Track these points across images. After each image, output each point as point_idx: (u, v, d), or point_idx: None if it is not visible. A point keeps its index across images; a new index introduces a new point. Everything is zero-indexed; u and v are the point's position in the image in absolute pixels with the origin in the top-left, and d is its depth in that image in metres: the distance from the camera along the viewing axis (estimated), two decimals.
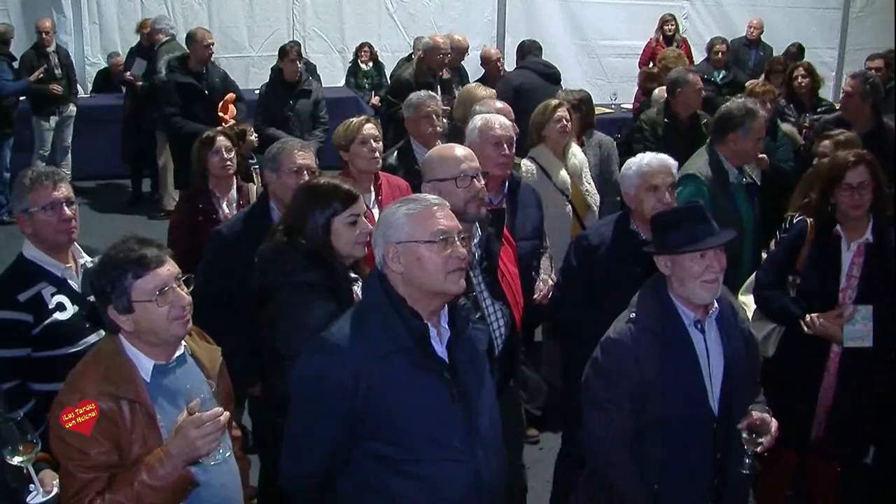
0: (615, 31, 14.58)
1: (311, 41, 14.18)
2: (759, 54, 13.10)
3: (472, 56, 11.72)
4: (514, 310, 4.52)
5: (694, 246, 3.63)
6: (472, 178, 4.30)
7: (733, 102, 6.10)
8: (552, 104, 6.60)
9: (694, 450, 3.75)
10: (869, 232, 4.87)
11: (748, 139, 5.82)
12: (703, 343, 3.77)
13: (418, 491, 3.27)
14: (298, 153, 4.99)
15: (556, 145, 6.55)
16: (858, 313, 4.78)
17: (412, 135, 6.57)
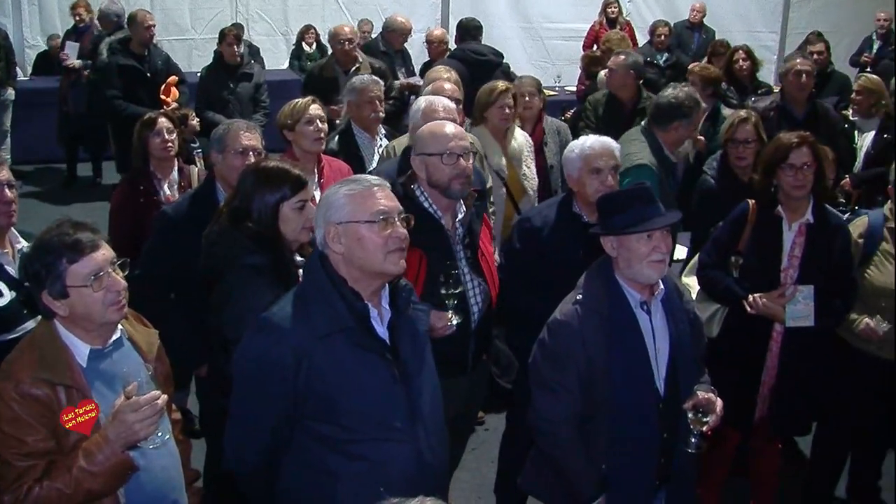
0: (559, 13, 14.60)
1: (254, 24, 14.06)
2: (702, 37, 13.18)
3: (416, 38, 11.68)
4: (490, 286, 4.58)
5: (641, 227, 3.65)
6: (458, 156, 4.32)
7: (681, 91, 6.13)
8: (499, 88, 6.61)
9: (641, 430, 3.78)
10: (809, 212, 4.92)
11: (690, 128, 5.99)
12: (649, 324, 3.80)
13: (360, 471, 3.27)
14: (245, 134, 4.96)
15: (496, 129, 6.57)
16: (800, 293, 4.83)
17: (354, 119, 6.55)
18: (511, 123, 6.63)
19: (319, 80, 8.69)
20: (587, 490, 3.83)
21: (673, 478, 3.95)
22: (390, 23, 10.54)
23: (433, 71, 7.17)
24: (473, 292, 4.45)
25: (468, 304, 4.43)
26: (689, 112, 5.94)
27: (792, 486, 5.77)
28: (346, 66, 8.72)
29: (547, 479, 4.02)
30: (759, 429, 5.16)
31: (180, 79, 9.85)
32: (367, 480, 3.24)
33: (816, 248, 4.91)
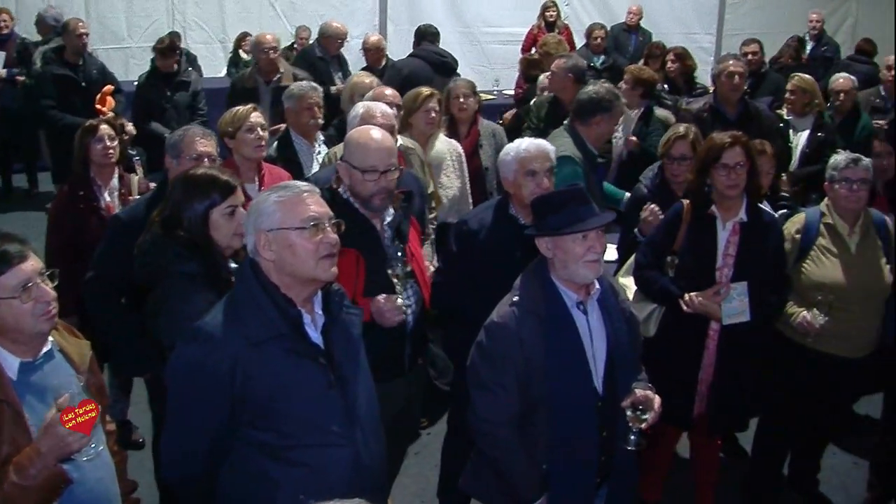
0: (497, 17, 14.60)
1: (191, 31, 13.93)
2: (639, 39, 13.30)
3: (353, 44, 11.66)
4: (422, 288, 4.59)
5: (577, 227, 3.68)
6: (382, 173, 4.31)
7: (601, 87, 6.21)
8: (424, 93, 6.65)
9: (580, 429, 3.81)
10: (743, 211, 4.98)
11: (611, 122, 6.06)
12: (586, 324, 3.82)
13: (299, 477, 3.27)
14: (200, 141, 4.95)
15: (421, 135, 6.60)
16: (735, 290, 4.89)
17: (292, 126, 6.55)
18: (436, 129, 6.65)
19: (241, 90, 8.52)
20: (528, 490, 3.85)
21: (614, 475, 3.99)
22: (326, 28, 10.50)
23: (355, 76, 7.18)
24: (406, 294, 4.45)
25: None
26: (610, 106, 6.02)
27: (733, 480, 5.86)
28: (269, 75, 8.57)
29: (487, 481, 4.03)
30: (698, 425, 5.21)
31: (116, 88, 9.73)
32: (306, 486, 3.22)
33: (750, 245, 4.97)
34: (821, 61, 12.37)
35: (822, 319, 5.03)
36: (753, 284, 4.90)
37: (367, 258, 4.30)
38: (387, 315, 4.25)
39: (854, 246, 5.18)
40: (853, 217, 5.21)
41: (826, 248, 5.20)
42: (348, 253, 4.00)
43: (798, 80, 8.29)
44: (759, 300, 4.93)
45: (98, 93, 9.37)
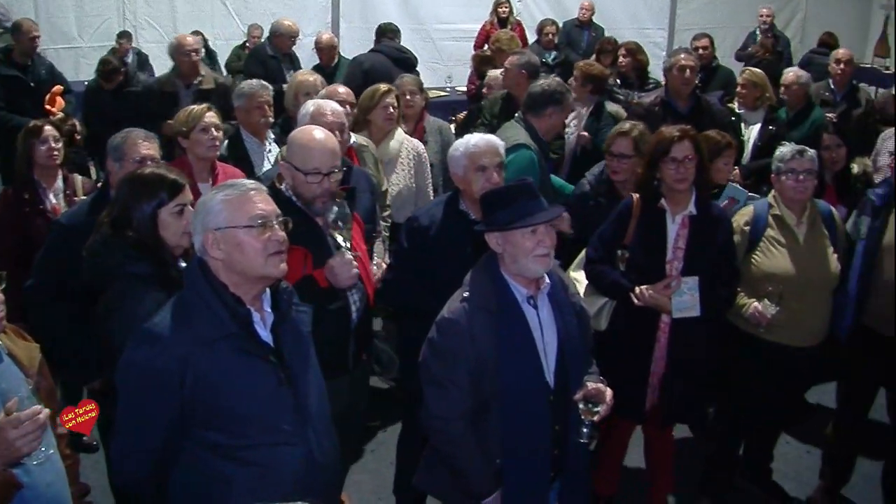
0: (450, 14, 14.62)
1: (142, 30, 13.79)
2: (591, 35, 13.31)
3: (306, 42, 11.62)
4: (366, 284, 4.59)
5: (526, 221, 3.68)
6: (324, 175, 4.30)
7: (552, 80, 6.30)
8: (381, 89, 6.64)
9: (533, 423, 3.81)
10: (692, 205, 5.01)
11: (562, 115, 6.11)
12: (537, 318, 3.83)
13: (252, 476, 3.27)
14: (143, 143, 4.90)
15: (379, 131, 6.59)
16: (685, 284, 4.92)
17: (242, 124, 6.51)
18: (394, 125, 6.64)
19: (159, 95, 8.28)
20: (482, 485, 3.86)
21: (567, 469, 4.00)
22: (277, 27, 10.47)
23: (299, 74, 7.14)
24: (351, 291, 4.46)
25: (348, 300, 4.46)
26: (561, 99, 6.11)
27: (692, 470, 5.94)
28: (189, 79, 8.31)
29: (442, 477, 4.03)
30: (650, 418, 5.24)
31: (66, 88, 9.64)
32: (259, 485, 3.24)
33: (700, 239, 4.99)
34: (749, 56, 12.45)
35: (772, 310, 5.07)
36: (704, 278, 4.93)
37: (313, 255, 4.30)
38: (340, 272, 4.26)
39: (802, 237, 5.24)
40: (800, 208, 5.27)
41: (775, 239, 5.26)
42: (296, 251, 4.00)
43: (749, 74, 8.36)
44: (710, 294, 4.96)
45: (47, 93, 9.30)
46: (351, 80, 8.97)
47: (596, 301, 5.18)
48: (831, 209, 5.47)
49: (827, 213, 5.38)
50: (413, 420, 4.02)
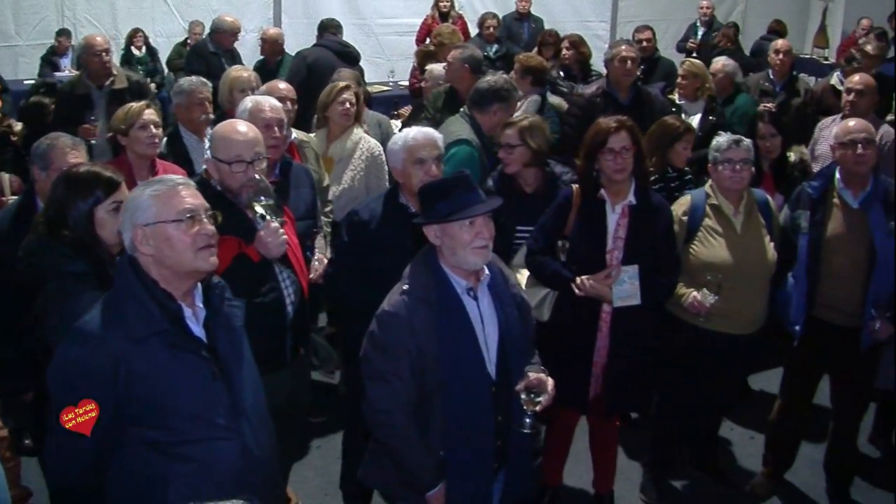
0: (392, 9, 14.57)
1: (81, 28, 13.57)
2: (532, 27, 13.33)
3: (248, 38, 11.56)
4: (300, 277, 4.58)
5: (463, 213, 3.68)
6: (248, 163, 4.32)
7: (499, 77, 6.32)
8: (339, 86, 6.63)
9: (475, 414, 3.81)
10: (632, 194, 5.03)
11: (507, 112, 6.08)
12: (477, 310, 3.83)
13: (189, 473, 3.25)
14: (71, 152, 4.83)
15: (336, 128, 6.56)
16: (625, 273, 4.94)
17: (182, 122, 6.46)
18: (351, 122, 6.61)
19: (71, 97, 8.06)
20: (426, 478, 3.86)
21: (511, 460, 4.01)
22: (219, 23, 10.41)
23: (233, 70, 7.07)
24: (284, 284, 4.47)
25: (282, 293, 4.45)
26: (507, 96, 6.15)
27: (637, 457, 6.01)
28: (100, 80, 8.03)
29: (386, 470, 4.02)
30: (594, 407, 5.27)
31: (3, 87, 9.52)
32: (196, 481, 3.23)
33: (640, 228, 5.02)
34: (712, 47, 12.55)
35: (712, 299, 5.12)
36: (644, 266, 4.97)
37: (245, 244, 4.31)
38: (270, 240, 4.26)
39: (739, 226, 5.30)
40: (737, 197, 5.33)
41: (713, 228, 5.31)
42: (230, 241, 4.04)
43: (689, 65, 8.42)
44: (650, 282, 5.00)
45: None
46: (295, 74, 9.01)
47: (538, 292, 5.18)
48: (767, 198, 5.53)
49: (763, 202, 5.43)
50: (358, 415, 4.01)
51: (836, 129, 5.58)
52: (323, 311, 7.41)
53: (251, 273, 4.31)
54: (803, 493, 6.07)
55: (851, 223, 5.32)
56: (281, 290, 4.46)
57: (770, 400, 6.07)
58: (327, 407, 6.55)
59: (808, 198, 5.44)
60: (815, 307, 5.43)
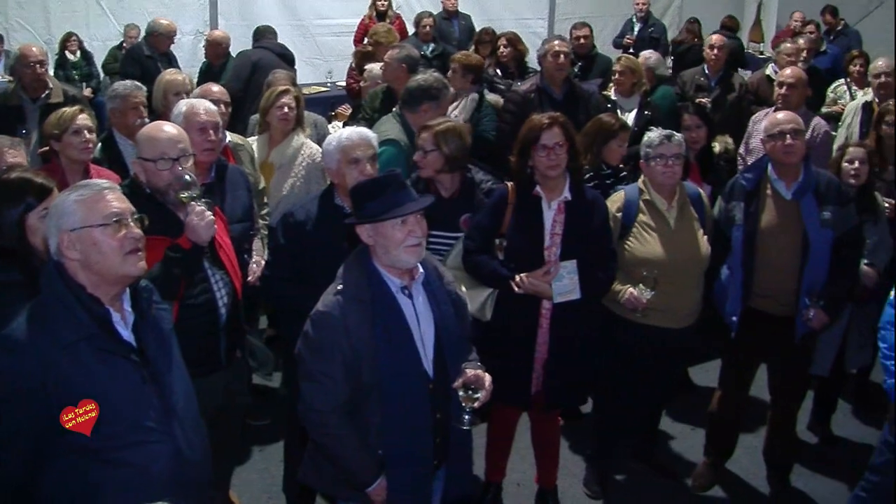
0: (329, 10, 14.45)
1: (14, 32, 13.36)
2: (461, 24, 13.36)
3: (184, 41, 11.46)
4: (233, 279, 4.56)
5: (395, 212, 3.68)
6: (174, 160, 4.30)
7: (430, 76, 6.29)
8: (277, 90, 6.60)
9: (413, 412, 3.82)
10: (567, 190, 5.05)
11: (439, 110, 6.06)
12: (412, 308, 3.84)
13: (122, 477, 3.24)
14: (9, 151, 4.82)
15: (277, 132, 6.53)
16: (564, 269, 4.96)
17: (116, 126, 6.37)
18: (291, 126, 6.57)
19: (3, 109, 7.76)
20: (364, 474, 3.85)
21: (450, 456, 4.03)
22: (154, 26, 10.35)
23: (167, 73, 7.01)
24: (217, 286, 4.46)
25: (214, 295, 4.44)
26: (437, 94, 6.11)
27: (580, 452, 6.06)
28: (35, 92, 7.77)
29: (325, 470, 4.02)
30: (536, 403, 5.30)
31: None
32: (130, 486, 3.22)
33: (576, 223, 5.05)
34: (648, 42, 12.66)
35: (648, 294, 5.17)
36: (582, 261, 4.99)
37: None
38: (197, 223, 4.22)
39: (673, 220, 5.36)
40: (670, 192, 5.38)
41: (647, 224, 5.36)
42: (160, 241, 4.03)
43: (625, 61, 8.47)
44: (589, 276, 5.02)
45: None
46: (241, 72, 9.06)
47: (479, 293, 5.18)
48: (699, 191, 5.60)
49: (695, 196, 5.50)
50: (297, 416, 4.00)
51: (765, 122, 5.65)
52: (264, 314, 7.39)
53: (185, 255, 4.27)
54: (744, 481, 6.16)
55: (784, 214, 5.39)
56: (213, 291, 4.44)
57: (710, 392, 6.13)
58: (269, 410, 6.54)
59: (741, 190, 5.50)
60: (750, 298, 5.49)
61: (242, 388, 4.98)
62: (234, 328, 4.63)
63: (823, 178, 5.46)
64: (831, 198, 5.35)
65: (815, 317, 5.33)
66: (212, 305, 4.44)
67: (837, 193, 5.39)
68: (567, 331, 5.10)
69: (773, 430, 5.96)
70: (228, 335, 4.56)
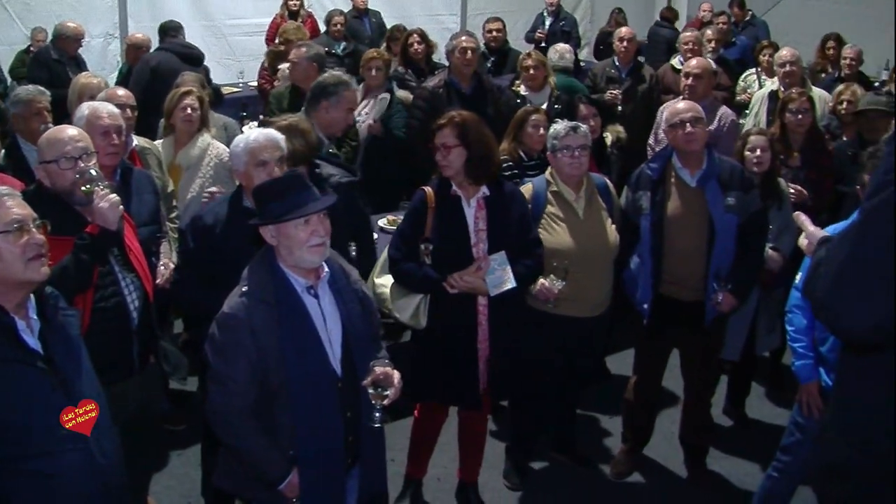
0: (241, 9, 14.30)
1: None
2: (372, 21, 13.39)
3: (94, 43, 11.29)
4: (144, 282, 4.52)
5: (297, 213, 3.67)
6: (76, 159, 4.25)
7: (329, 75, 6.27)
8: (179, 91, 6.55)
9: (323, 412, 3.82)
10: (484, 186, 5.07)
11: (339, 108, 5.96)
12: (318, 308, 3.83)
13: (34, 487, 3.22)
14: None
15: (182, 134, 6.49)
16: (494, 261, 4.97)
17: (20, 132, 6.25)
18: (195, 127, 6.53)
19: None
20: (275, 471, 3.83)
21: (363, 454, 4.04)
22: (61, 29, 10.19)
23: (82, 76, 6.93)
24: (128, 289, 4.40)
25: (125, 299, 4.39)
26: (334, 91, 5.98)
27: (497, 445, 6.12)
28: None
29: (237, 473, 3.99)
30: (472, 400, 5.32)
31: None
32: (42, 496, 3.20)
33: (498, 217, 5.07)
34: (560, 35, 12.75)
35: (559, 285, 5.22)
36: (509, 252, 5.01)
37: None
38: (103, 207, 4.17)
39: (581, 211, 5.42)
40: (577, 183, 5.44)
41: (555, 215, 5.42)
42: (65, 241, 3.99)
43: (536, 56, 8.56)
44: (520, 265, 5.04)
45: None
46: (139, 79, 8.83)
47: (409, 301, 5.17)
48: (606, 181, 5.67)
49: (602, 186, 5.57)
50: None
51: (666, 112, 5.73)
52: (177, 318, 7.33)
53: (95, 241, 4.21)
54: (663, 466, 6.27)
55: (690, 201, 5.48)
56: (123, 295, 4.38)
57: (626, 380, 6.20)
58: (187, 415, 6.48)
59: (647, 179, 5.58)
60: (660, 285, 5.57)
61: (158, 394, 4.95)
62: (147, 332, 4.58)
63: (727, 165, 5.56)
64: (735, 184, 5.45)
65: (724, 300, 5.43)
66: (123, 309, 4.38)
67: (741, 180, 5.49)
68: (504, 323, 5.13)
69: (688, 414, 6.06)
70: (141, 340, 4.51)
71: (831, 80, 10.02)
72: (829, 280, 2.41)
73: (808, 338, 4.74)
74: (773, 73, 9.07)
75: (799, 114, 6.92)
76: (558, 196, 5.43)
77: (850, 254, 2.36)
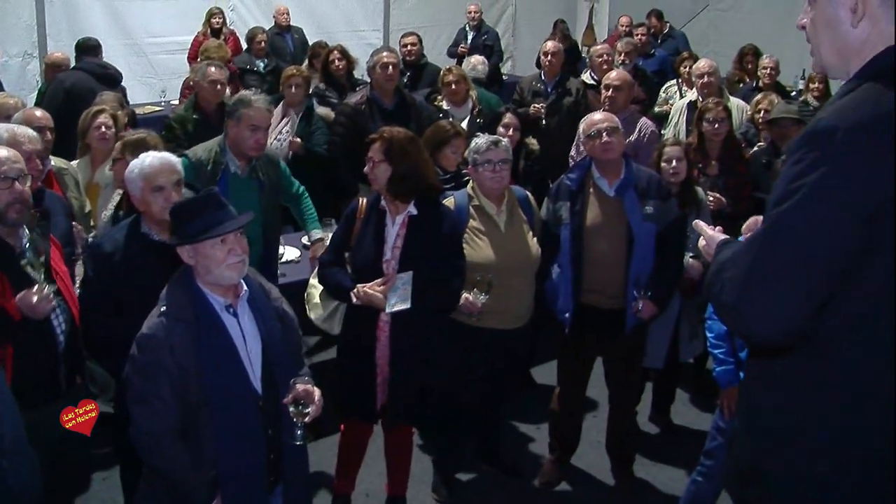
0: (162, 28, 14.10)
1: None
2: (294, 38, 13.37)
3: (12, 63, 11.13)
4: (70, 305, 4.44)
5: (213, 232, 3.67)
6: (13, 179, 4.15)
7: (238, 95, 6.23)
8: (93, 110, 6.49)
9: (244, 430, 3.81)
10: (412, 205, 5.09)
11: (241, 127, 5.86)
12: (238, 326, 3.82)
13: None
14: None
15: (98, 153, 6.43)
16: (400, 280, 4.98)
17: None
18: (111, 144, 6.43)
19: None
20: (199, 495, 3.81)
21: (286, 472, 4.03)
22: None
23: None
24: (55, 313, 4.31)
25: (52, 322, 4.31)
26: (234, 111, 5.90)
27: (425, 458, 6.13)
28: None
29: (159, 496, 3.95)
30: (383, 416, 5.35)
31: None
32: None
33: (418, 237, 5.07)
34: (482, 49, 12.82)
35: (483, 298, 5.24)
36: (423, 274, 5.01)
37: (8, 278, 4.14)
38: (38, 306, 4.10)
39: (503, 224, 5.46)
40: (498, 197, 5.48)
41: (478, 229, 5.45)
42: None
43: (458, 70, 8.60)
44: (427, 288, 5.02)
45: None
46: (52, 100, 8.68)
47: (328, 305, 5.27)
48: (527, 194, 5.72)
49: (523, 198, 5.62)
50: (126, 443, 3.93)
51: (583, 124, 5.79)
52: None
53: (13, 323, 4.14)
54: (590, 474, 6.30)
55: (609, 210, 5.55)
56: (50, 318, 4.30)
57: (552, 389, 6.23)
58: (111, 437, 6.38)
59: (567, 190, 5.63)
60: (581, 294, 5.62)
61: None
62: (74, 354, 4.50)
63: (644, 174, 5.64)
64: (653, 193, 5.53)
65: (644, 308, 5.50)
66: (49, 332, 4.31)
67: (658, 189, 5.58)
68: (405, 345, 5.13)
69: (614, 423, 6.12)
70: (67, 361, 4.43)
71: (748, 89, 10.24)
72: (736, 285, 2.45)
73: (727, 343, 4.84)
74: (693, 84, 9.21)
75: (716, 123, 7.07)
76: (480, 210, 5.46)
77: (757, 260, 2.41)
